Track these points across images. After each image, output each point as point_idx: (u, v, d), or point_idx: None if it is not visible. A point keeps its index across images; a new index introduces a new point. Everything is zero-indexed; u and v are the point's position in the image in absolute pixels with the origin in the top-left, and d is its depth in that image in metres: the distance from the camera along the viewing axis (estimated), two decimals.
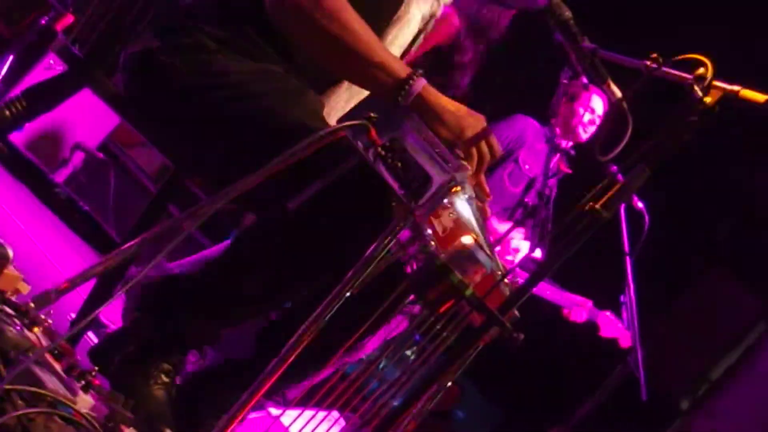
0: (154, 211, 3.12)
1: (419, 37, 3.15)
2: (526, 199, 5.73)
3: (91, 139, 5.99)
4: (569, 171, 5.83)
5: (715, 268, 7.62)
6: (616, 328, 5.80)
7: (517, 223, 5.73)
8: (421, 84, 2.56)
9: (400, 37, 3.01)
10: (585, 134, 5.81)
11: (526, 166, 5.76)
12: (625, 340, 5.71)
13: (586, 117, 5.74)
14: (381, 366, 2.75)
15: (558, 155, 5.84)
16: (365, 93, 3.07)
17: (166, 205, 3.15)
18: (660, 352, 6.43)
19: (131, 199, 5.96)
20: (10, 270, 2.44)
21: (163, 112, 2.85)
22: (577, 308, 5.95)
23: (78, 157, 5.90)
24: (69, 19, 5.57)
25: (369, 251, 2.26)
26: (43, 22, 5.54)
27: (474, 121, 2.60)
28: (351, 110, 3.04)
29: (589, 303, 5.95)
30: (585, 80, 2.48)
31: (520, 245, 5.49)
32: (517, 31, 3.24)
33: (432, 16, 3.15)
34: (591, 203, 2.20)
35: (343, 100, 3.04)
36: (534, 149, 5.84)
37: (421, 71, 2.58)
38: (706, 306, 7.44)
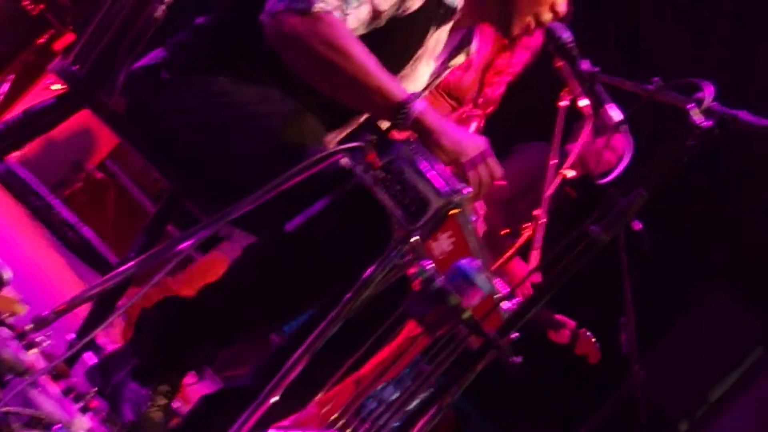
0: (153, 231, 3.11)
1: (424, 91, 3.15)
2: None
3: (91, 158, 5.99)
4: (574, 195, 5.80)
5: (714, 290, 7.62)
6: (588, 342, 5.79)
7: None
8: (420, 106, 2.56)
9: None
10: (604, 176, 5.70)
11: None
12: (594, 356, 5.72)
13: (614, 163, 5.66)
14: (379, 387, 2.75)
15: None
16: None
17: (164, 226, 3.15)
18: (659, 374, 6.42)
19: (130, 220, 5.96)
20: (7, 292, 2.44)
21: (163, 131, 2.85)
22: (562, 329, 5.94)
23: (77, 177, 5.90)
24: (69, 37, 5.58)
25: (366, 274, 2.26)
26: (41, 41, 5.55)
27: (474, 144, 2.59)
28: (349, 132, 3.04)
29: (572, 324, 5.94)
30: (617, 119, 2.47)
31: None
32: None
33: (438, 75, 3.15)
34: (589, 227, 2.20)
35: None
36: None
37: (421, 93, 2.58)
38: (704, 328, 7.43)
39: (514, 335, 2.26)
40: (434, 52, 3.04)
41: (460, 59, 3.18)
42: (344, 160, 2.38)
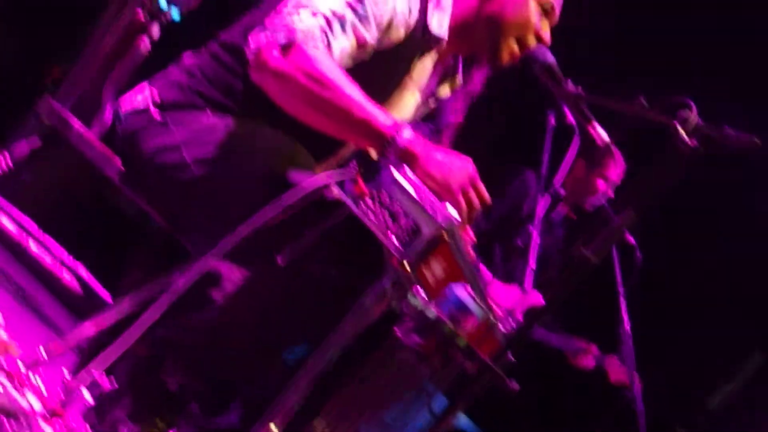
0: (146, 267, 3.11)
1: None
2: (516, 241, 5.68)
3: (80, 191, 5.97)
4: (574, 217, 5.79)
5: (711, 299, 7.62)
6: (624, 372, 5.76)
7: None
8: (407, 135, 2.55)
9: None
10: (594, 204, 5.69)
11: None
12: (627, 380, 5.69)
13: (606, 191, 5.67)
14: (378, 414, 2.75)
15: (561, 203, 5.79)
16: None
17: (158, 260, 3.14)
18: (658, 384, 6.42)
19: (122, 255, 5.93)
20: (0, 334, 2.44)
21: (152, 168, 2.85)
22: (584, 354, 5.91)
23: (67, 212, 5.88)
24: (55, 72, 5.59)
25: (359, 304, 2.26)
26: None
27: (462, 170, 2.57)
28: (338, 162, 3.04)
29: (594, 348, 5.93)
30: (606, 140, 2.48)
31: None
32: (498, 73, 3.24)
33: (425, 106, 3.17)
34: (580, 248, 2.21)
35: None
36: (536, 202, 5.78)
37: (408, 122, 2.58)
38: (702, 337, 7.43)
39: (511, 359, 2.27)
40: (419, 83, 3.05)
41: (445, 90, 3.19)
42: (333, 191, 2.38)
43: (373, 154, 2.59)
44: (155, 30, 3.19)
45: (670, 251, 6.77)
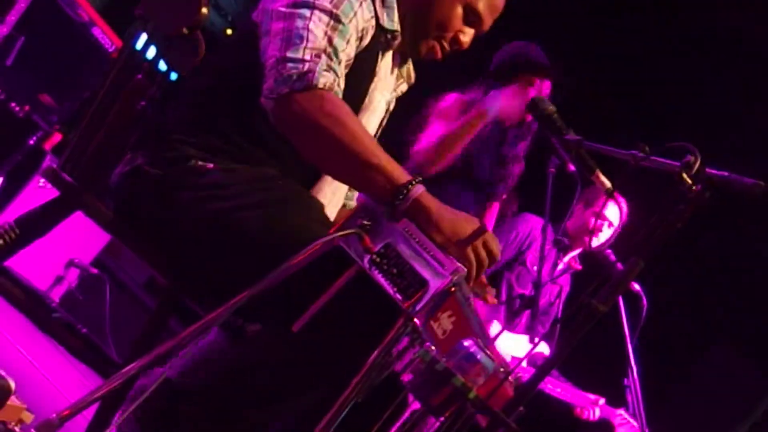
0: (154, 327, 3.10)
1: (384, 121, 3.21)
2: (523, 291, 5.69)
3: (85, 254, 5.99)
4: (579, 267, 5.79)
5: (718, 344, 7.61)
6: (632, 428, 5.73)
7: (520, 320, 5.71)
8: (419, 190, 2.57)
9: (368, 125, 3.05)
10: (596, 241, 5.70)
11: (534, 268, 5.69)
12: None
13: (602, 228, 5.69)
14: None
15: (567, 253, 5.80)
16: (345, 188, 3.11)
17: (165, 320, 3.14)
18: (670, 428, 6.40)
19: (128, 313, 5.94)
20: (13, 401, 2.44)
21: (155, 227, 2.86)
22: (591, 407, 5.89)
23: (73, 274, 5.89)
24: (57, 137, 5.62)
25: (371, 360, 2.26)
26: (31, 142, 5.59)
27: (470, 226, 2.59)
28: (344, 218, 3.05)
29: (602, 400, 5.90)
30: (608, 185, 2.50)
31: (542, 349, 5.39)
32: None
33: (391, 102, 3.21)
34: (587, 298, 2.21)
35: (330, 193, 3.06)
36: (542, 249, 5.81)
37: (419, 178, 2.59)
38: (710, 383, 7.42)
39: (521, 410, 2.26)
40: (386, 81, 3.12)
41: (403, 87, 3.25)
42: (341, 246, 2.40)
43: (381, 205, 2.59)
44: (155, 93, 3.22)
45: (672, 299, 6.79)
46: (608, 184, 2.70)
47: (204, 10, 2.98)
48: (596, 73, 6.90)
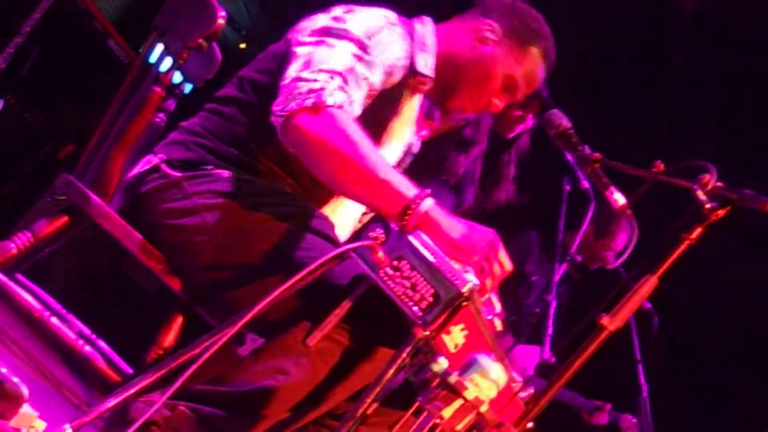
0: (167, 337, 3.10)
1: (404, 162, 3.21)
2: (535, 309, 5.69)
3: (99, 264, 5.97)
4: (578, 276, 5.80)
5: (730, 365, 7.59)
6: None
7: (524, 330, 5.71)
8: (428, 204, 2.57)
9: None
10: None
11: (534, 278, 5.72)
12: None
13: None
14: None
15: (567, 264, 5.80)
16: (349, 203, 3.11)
17: (178, 330, 3.13)
18: None
19: (140, 321, 5.92)
20: (26, 408, 2.44)
21: (164, 228, 2.86)
22: (598, 411, 5.91)
23: (83, 282, 5.88)
24: (70, 148, 5.63)
25: (382, 372, 2.26)
26: (45, 152, 5.60)
27: (483, 238, 2.59)
28: (356, 231, 3.06)
29: (608, 406, 5.91)
30: (621, 203, 2.48)
31: None
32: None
33: (409, 149, 3.21)
34: (599, 317, 2.21)
35: (342, 212, 3.06)
36: (539, 259, 5.82)
37: (429, 191, 2.59)
38: (722, 402, 7.39)
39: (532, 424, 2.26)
40: (409, 122, 3.11)
41: (423, 132, 3.25)
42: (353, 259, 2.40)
43: (392, 220, 2.59)
44: (171, 104, 3.23)
45: (683, 318, 6.78)
46: (622, 201, 2.69)
47: (221, 21, 2.99)
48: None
